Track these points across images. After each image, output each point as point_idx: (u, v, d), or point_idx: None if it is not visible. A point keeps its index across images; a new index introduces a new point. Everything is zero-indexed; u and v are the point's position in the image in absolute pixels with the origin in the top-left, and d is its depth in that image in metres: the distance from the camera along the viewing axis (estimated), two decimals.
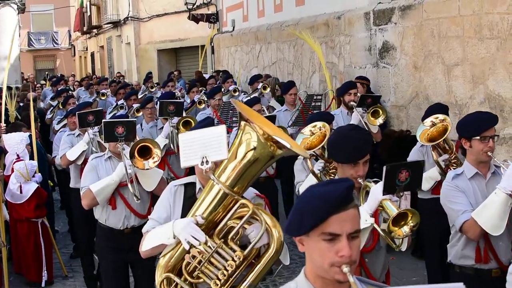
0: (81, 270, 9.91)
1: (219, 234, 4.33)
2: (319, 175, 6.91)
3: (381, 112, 9.53)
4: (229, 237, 4.30)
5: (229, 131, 10.23)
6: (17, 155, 9.40)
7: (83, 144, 9.09)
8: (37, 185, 9.34)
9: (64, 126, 12.10)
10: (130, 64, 33.97)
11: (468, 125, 5.76)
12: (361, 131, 5.27)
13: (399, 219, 4.64)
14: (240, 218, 4.31)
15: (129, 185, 6.74)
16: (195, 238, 4.23)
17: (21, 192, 9.15)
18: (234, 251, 4.26)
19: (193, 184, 4.81)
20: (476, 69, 9.32)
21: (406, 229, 4.67)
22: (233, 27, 21.61)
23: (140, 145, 6.68)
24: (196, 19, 23.88)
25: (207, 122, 4.99)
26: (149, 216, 4.92)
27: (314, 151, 7.01)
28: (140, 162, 6.64)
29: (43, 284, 9.40)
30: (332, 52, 13.66)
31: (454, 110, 9.73)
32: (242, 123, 4.32)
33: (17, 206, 9.22)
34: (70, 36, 57.85)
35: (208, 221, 4.33)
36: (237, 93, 14.73)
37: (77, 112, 9.10)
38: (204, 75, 21.29)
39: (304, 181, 7.26)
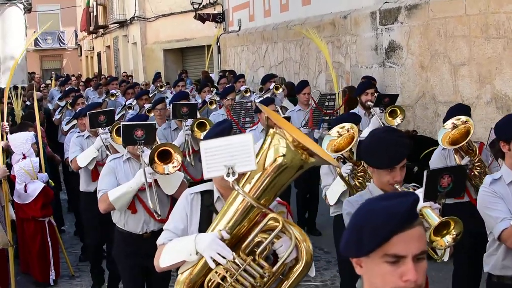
0: (88, 270, 9.93)
1: (245, 250, 4.02)
2: (347, 178, 6.68)
3: (399, 111, 9.32)
4: (257, 252, 3.98)
5: (242, 132, 10.15)
6: (23, 155, 9.39)
7: (94, 151, 8.76)
8: (44, 184, 9.35)
9: (73, 126, 12.05)
10: (136, 64, 34.01)
11: (509, 127, 5.31)
12: (397, 133, 5.00)
13: (441, 228, 4.43)
14: (267, 231, 4.03)
15: (148, 198, 6.49)
16: (222, 256, 3.91)
17: (25, 191, 9.15)
18: (262, 267, 3.98)
19: (210, 192, 4.48)
20: (482, 69, 9.31)
21: (448, 238, 4.43)
22: (239, 27, 21.61)
23: (160, 149, 6.43)
24: (202, 18, 23.88)
25: (225, 126, 4.55)
26: (164, 227, 4.57)
27: (341, 154, 6.74)
28: (160, 166, 6.39)
29: (51, 283, 9.41)
30: (338, 51, 13.65)
31: None
32: (270, 129, 4.01)
33: (23, 205, 9.22)
34: (76, 36, 57.93)
35: (231, 235, 4.02)
36: (248, 94, 14.39)
37: (88, 112, 8.81)
38: (210, 75, 21.28)
39: (331, 185, 7.06)
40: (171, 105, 9.92)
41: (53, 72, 45.11)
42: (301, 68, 15.89)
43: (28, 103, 15.99)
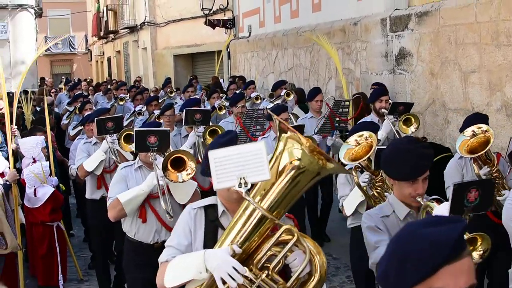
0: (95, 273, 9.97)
1: (257, 264, 3.83)
2: (364, 188, 6.55)
3: (413, 120, 9.19)
4: (271, 267, 3.79)
5: (253, 140, 10.05)
6: (33, 159, 9.42)
7: (101, 153, 8.63)
8: (53, 188, 9.36)
9: (79, 132, 12.02)
10: (146, 69, 34.08)
11: None
12: (420, 144, 4.77)
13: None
14: (279, 244, 3.84)
15: (161, 200, 6.34)
16: (233, 278, 3.68)
17: (35, 195, 9.16)
18: (276, 282, 3.78)
19: (214, 207, 4.27)
20: (493, 76, 9.29)
21: (475, 255, 4.25)
22: (250, 33, 21.64)
23: (174, 156, 6.23)
24: (212, 24, 23.93)
25: (231, 137, 4.31)
26: (166, 243, 4.35)
27: (359, 163, 6.57)
28: (174, 174, 6.18)
29: (61, 287, 9.43)
30: (348, 58, 13.66)
31: None
32: (283, 135, 3.87)
33: (32, 209, 9.24)
34: (86, 40, 58.17)
35: (242, 249, 3.83)
36: (259, 101, 14.31)
37: (95, 118, 8.66)
38: (220, 80, 21.31)
39: (348, 195, 6.91)
40: (184, 110, 9.70)
41: (63, 77, 45.30)
42: (311, 75, 15.90)
43: (38, 108, 16.00)
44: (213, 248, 3.94)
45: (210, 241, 4.13)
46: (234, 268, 3.68)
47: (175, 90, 18.54)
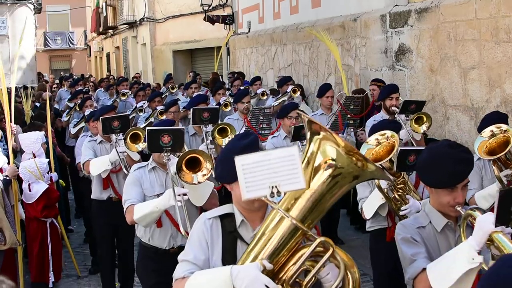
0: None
1: (289, 280, 3.50)
2: (385, 191, 6.28)
3: (425, 118, 8.79)
4: (304, 283, 3.52)
5: (261, 140, 9.79)
6: (33, 154, 9.41)
7: (107, 163, 8.23)
8: (47, 185, 9.31)
9: (81, 129, 11.83)
10: (145, 65, 34.07)
11: None
12: (460, 148, 4.35)
13: None
14: (311, 257, 3.52)
15: (179, 220, 6.02)
16: None
17: (29, 190, 9.14)
18: None
19: (231, 216, 3.89)
20: (492, 73, 9.29)
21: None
22: (249, 29, 21.60)
23: (188, 156, 5.87)
24: (211, 20, 23.90)
25: (252, 140, 3.88)
26: (180, 257, 3.92)
27: (381, 164, 6.20)
28: (188, 175, 5.82)
29: (50, 285, 9.39)
30: (348, 54, 13.65)
31: (470, 113, 9.72)
32: (315, 137, 3.55)
33: (27, 205, 9.23)
34: (85, 36, 58.12)
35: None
36: (265, 97, 13.84)
37: (101, 118, 8.29)
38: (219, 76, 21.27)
39: (368, 197, 6.62)
40: (191, 109, 9.23)
41: (62, 73, 45.30)
42: (310, 71, 15.89)
43: (37, 103, 15.95)
44: (233, 262, 3.64)
45: (228, 254, 3.81)
46: (267, 287, 3.35)
47: (176, 86, 18.19)
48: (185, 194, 5.85)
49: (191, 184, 5.87)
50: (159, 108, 12.26)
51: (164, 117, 11.48)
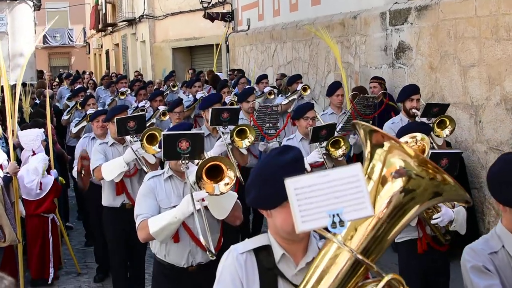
0: (95, 267, 9.96)
1: None
2: None
3: (448, 122, 8.32)
4: None
5: (268, 139, 9.64)
6: (33, 151, 9.42)
7: (123, 165, 7.63)
8: (53, 178, 9.38)
9: (82, 129, 11.52)
10: (145, 62, 34.06)
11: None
12: None
13: None
14: None
15: (199, 233, 5.24)
16: None
17: (40, 188, 9.16)
18: None
19: (267, 249, 3.22)
20: (492, 70, 9.29)
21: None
22: (248, 26, 21.62)
23: (209, 164, 5.16)
24: (211, 17, 23.91)
25: (296, 155, 3.14)
26: None
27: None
28: (209, 185, 5.12)
29: (49, 281, 9.41)
30: (347, 52, 13.65)
31: (470, 111, 9.72)
32: (378, 150, 3.00)
33: (32, 201, 9.23)
34: (85, 33, 58.12)
35: None
36: (272, 96, 13.38)
37: (116, 118, 7.72)
38: (218, 74, 21.20)
39: None
40: (211, 109, 8.37)
41: (61, 70, 45.28)
42: (310, 68, 15.89)
43: (37, 101, 15.90)
44: None
45: None
46: None
47: (178, 84, 17.71)
48: (203, 200, 5.21)
49: (212, 195, 5.17)
50: (162, 108, 11.85)
51: (167, 117, 11.27)
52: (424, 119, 8.48)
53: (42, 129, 9.84)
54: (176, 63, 31.52)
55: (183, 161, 5.46)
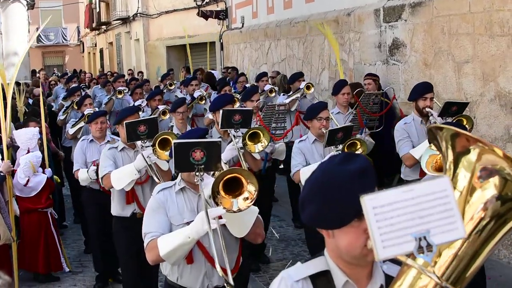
0: (90, 265, 9.95)
1: None
2: None
3: (465, 121, 7.96)
4: None
5: (275, 140, 9.19)
6: (28, 150, 9.40)
7: (133, 172, 7.17)
8: (46, 176, 9.38)
9: (79, 130, 10.98)
10: (139, 60, 34.05)
11: None
12: None
13: None
14: None
15: (215, 258, 4.57)
16: None
17: (26, 185, 9.15)
18: None
19: (326, 275, 2.77)
20: (486, 67, 9.30)
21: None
22: (242, 24, 21.61)
23: (227, 177, 4.54)
24: (205, 15, 23.90)
25: (366, 166, 2.65)
26: None
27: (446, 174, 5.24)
28: (227, 200, 4.53)
29: (66, 270, 9.60)
30: (341, 49, 13.64)
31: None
32: (463, 158, 2.47)
33: (26, 199, 9.23)
34: (79, 32, 58.08)
35: None
36: (273, 94, 12.99)
37: (125, 122, 7.21)
38: (213, 71, 21.16)
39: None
40: (221, 111, 7.69)
41: (55, 69, 45.22)
42: (304, 65, 15.89)
43: (30, 100, 15.82)
44: None
45: None
46: None
47: (174, 82, 17.00)
48: (220, 217, 4.61)
49: (230, 211, 4.57)
50: (161, 107, 11.41)
51: (167, 117, 10.89)
52: (439, 119, 8.01)
53: (37, 128, 9.82)
54: (170, 62, 31.52)
55: (197, 173, 4.76)
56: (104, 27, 43.74)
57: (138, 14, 32.79)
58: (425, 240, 2.19)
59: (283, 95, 12.50)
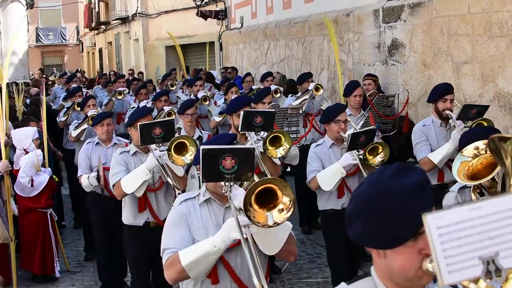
0: (88, 265, 9.95)
1: None
2: None
3: (485, 125, 7.45)
4: None
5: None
6: (25, 150, 9.39)
7: (145, 172, 6.69)
8: (48, 176, 9.37)
9: (82, 132, 10.63)
10: (138, 60, 34.02)
11: None
12: None
13: None
14: None
15: (254, 279, 3.74)
16: None
17: (32, 185, 9.14)
18: None
19: None
20: (485, 67, 9.30)
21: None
22: (242, 24, 21.61)
23: (261, 188, 3.98)
24: (204, 15, 23.91)
25: (423, 179, 2.38)
26: None
27: (480, 184, 4.95)
28: (261, 214, 3.96)
29: (57, 275, 9.45)
30: (341, 49, 13.63)
31: None
32: None
33: (27, 198, 9.23)
34: (78, 32, 58.06)
35: None
36: (278, 95, 12.37)
37: (139, 124, 6.69)
38: (212, 71, 21.14)
39: None
40: (242, 112, 7.18)
41: (54, 69, 45.21)
42: (303, 66, 15.88)
43: (27, 100, 15.75)
44: None
45: None
46: None
47: (176, 82, 16.74)
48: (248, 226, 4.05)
49: (263, 226, 4.00)
50: (167, 109, 10.89)
51: (172, 117, 9.86)
52: (459, 123, 7.61)
53: (35, 128, 9.79)
54: (169, 61, 31.50)
55: (226, 183, 4.17)
56: (103, 27, 43.72)
57: (137, 14, 32.76)
58: (494, 264, 1.99)
59: (290, 96, 12.09)
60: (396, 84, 11.45)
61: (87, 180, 8.33)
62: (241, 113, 7.14)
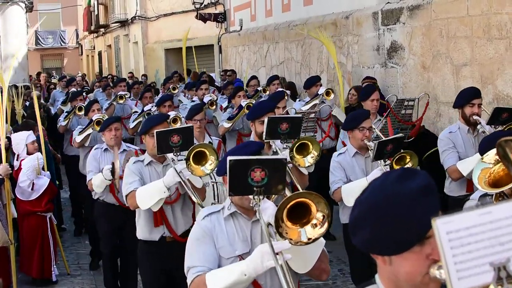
0: (88, 269, 9.94)
1: None
2: None
3: None
4: None
5: None
6: (17, 155, 9.39)
7: (163, 190, 6.14)
8: (48, 179, 9.37)
9: (87, 138, 10.23)
10: (137, 63, 34.02)
11: None
12: None
13: None
14: None
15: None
16: None
17: (32, 189, 9.14)
18: None
19: None
20: (484, 70, 9.31)
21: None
22: (241, 27, 21.62)
23: (294, 202, 3.69)
24: (203, 18, 23.91)
25: (427, 183, 2.30)
26: None
27: (503, 191, 4.67)
28: (293, 231, 3.69)
29: (54, 279, 9.44)
30: (340, 52, 13.65)
31: None
32: None
33: (27, 202, 9.23)
34: (77, 35, 58.03)
35: None
36: (285, 98, 11.15)
37: (155, 131, 6.17)
38: (211, 74, 21.12)
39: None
40: (266, 119, 6.60)
41: (53, 72, 45.18)
42: (302, 68, 15.89)
43: (27, 103, 15.75)
44: None
45: None
46: None
47: (178, 86, 16.38)
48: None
49: (297, 244, 3.72)
50: (172, 114, 10.23)
51: (178, 125, 9.59)
52: (488, 127, 7.26)
53: (31, 131, 9.75)
54: (169, 64, 31.49)
55: (255, 197, 3.86)
56: (102, 30, 43.70)
57: (137, 17, 32.75)
58: (505, 270, 1.93)
59: (299, 101, 11.78)
60: (395, 87, 11.45)
61: (100, 177, 7.97)
62: (265, 119, 6.60)
